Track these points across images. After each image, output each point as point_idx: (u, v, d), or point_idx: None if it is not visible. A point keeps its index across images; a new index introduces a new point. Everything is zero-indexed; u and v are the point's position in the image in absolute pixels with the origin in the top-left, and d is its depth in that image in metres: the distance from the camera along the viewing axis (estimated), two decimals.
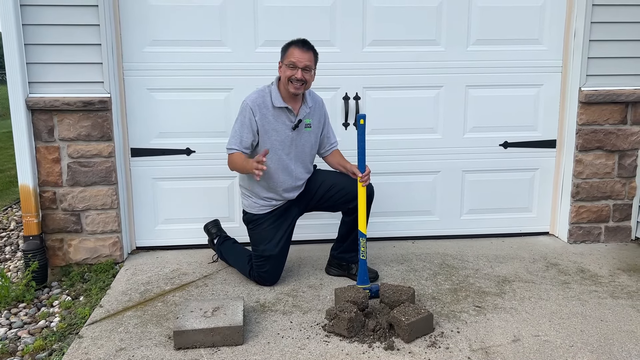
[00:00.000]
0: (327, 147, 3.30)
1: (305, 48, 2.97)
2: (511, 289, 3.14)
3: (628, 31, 3.68)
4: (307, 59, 2.96)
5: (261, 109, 3.03)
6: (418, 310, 2.61)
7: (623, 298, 3.03)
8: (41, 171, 3.42)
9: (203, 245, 3.70)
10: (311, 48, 3.00)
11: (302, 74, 2.94)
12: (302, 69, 2.94)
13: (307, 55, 2.96)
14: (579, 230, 3.93)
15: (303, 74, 2.94)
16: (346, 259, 3.32)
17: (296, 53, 2.94)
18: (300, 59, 2.93)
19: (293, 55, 2.94)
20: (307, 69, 2.96)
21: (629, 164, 3.87)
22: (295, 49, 2.96)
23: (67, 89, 3.36)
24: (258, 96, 3.06)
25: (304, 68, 2.94)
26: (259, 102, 3.04)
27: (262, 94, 3.07)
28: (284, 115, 3.06)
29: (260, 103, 3.04)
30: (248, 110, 3.02)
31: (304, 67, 2.94)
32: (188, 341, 2.49)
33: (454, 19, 3.72)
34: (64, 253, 3.53)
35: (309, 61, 2.96)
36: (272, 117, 3.04)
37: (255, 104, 3.03)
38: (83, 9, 3.29)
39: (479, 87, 3.84)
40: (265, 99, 3.05)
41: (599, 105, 3.76)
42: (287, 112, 3.06)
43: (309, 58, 2.96)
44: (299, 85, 2.96)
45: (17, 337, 2.80)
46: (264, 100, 3.04)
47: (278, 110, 3.05)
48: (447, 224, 4.03)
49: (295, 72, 2.94)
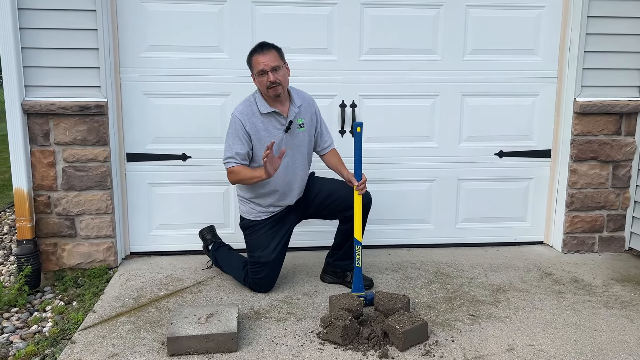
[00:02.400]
0: (323, 145, 3.29)
1: (265, 50, 2.95)
2: (505, 298, 3.14)
3: (623, 43, 3.71)
4: (272, 59, 2.94)
5: (250, 118, 3.03)
6: (413, 318, 2.61)
7: (617, 308, 3.04)
8: (36, 175, 3.41)
9: (198, 251, 3.69)
10: (271, 46, 2.98)
11: (274, 76, 2.93)
12: (272, 71, 2.93)
13: (270, 56, 2.94)
14: (573, 240, 3.94)
15: (275, 75, 2.94)
16: (341, 266, 3.31)
17: (260, 59, 2.94)
18: (265, 62, 2.92)
19: (258, 62, 2.94)
20: (275, 68, 2.94)
21: (622, 175, 3.89)
22: (257, 55, 2.95)
23: (63, 93, 3.35)
24: (245, 106, 3.06)
25: (273, 69, 2.94)
26: (247, 111, 3.04)
27: (249, 103, 3.07)
28: (273, 120, 3.06)
29: (248, 112, 3.04)
30: (237, 122, 3.02)
31: (272, 69, 2.93)
32: (181, 347, 2.48)
33: (451, 28, 3.75)
34: (57, 258, 3.51)
35: (274, 61, 2.94)
36: (261, 124, 3.04)
37: (243, 114, 3.03)
38: (81, 14, 3.29)
39: (474, 96, 3.86)
40: (252, 107, 3.05)
41: (593, 116, 3.78)
42: (275, 116, 3.06)
43: (272, 58, 2.95)
44: (277, 87, 2.96)
45: (9, 342, 2.77)
46: (251, 109, 3.05)
47: (267, 116, 3.05)
48: (442, 232, 4.04)
49: (266, 77, 2.94)
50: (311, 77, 3.56)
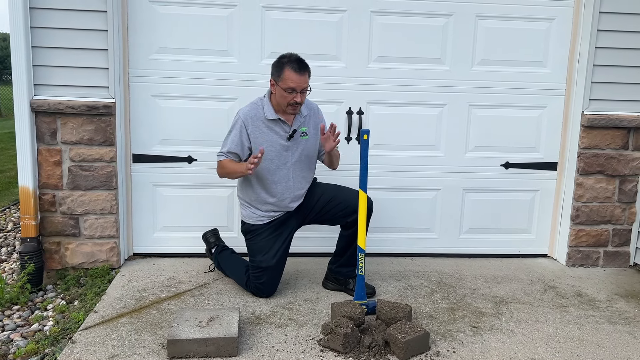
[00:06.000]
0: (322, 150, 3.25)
1: (302, 71, 2.92)
2: (508, 310, 3.12)
3: (632, 57, 3.70)
4: (305, 81, 2.95)
5: (254, 121, 3.04)
6: (414, 328, 2.60)
7: (620, 324, 3.01)
8: (42, 173, 3.42)
9: (200, 254, 3.69)
10: (307, 68, 2.97)
11: (301, 97, 2.94)
12: (301, 92, 2.94)
13: (305, 78, 2.94)
14: (577, 254, 3.92)
15: (302, 97, 2.95)
16: (343, 273, 3.30)
17: (294, 77, 2.90)
18: (299, 83, 2.91)
19: (291, 80, 2.91)
20: (304, 91, 2.96)
21: (629, 189, 3.87)
22: (291, 73, 2.90)
23: (72, 93, 3.37)
24: (251, 109, 3.07)
25: (302, 91, 2.95)
26: (252, 114, 3.05)
27: (255, 106, 3.08)
28: (277, 127, 3.07)
29: (253, 115, 3.05)
30: (240, 123, 3.04)
31: (302, 90, 2.94)
32: (182, 350, 2.47)
33: (460, 38, 3.75)
34: (60, 256, 3.52)
35: (306, 83, 2.96)
36: (265, 128, 3.05)
37: (247, 116, 3.04)
38: (92, 14, 3.31)
39: (482, 106, 3.85)
40: (258, 111, 3.06)
41: (601, 129, 3.77)
42: (280, 123, 3.07)
43: (305, 80, 2.95)
44: (297, 107, 2.98)
45: (10, 340, 2.77)
46: (256, 112, 3.06)
47: (271, 122, 3.05)
48: (446, 242, 4.02)
49: (294, 97, 2.93)
50: (319, 84, 3.55)
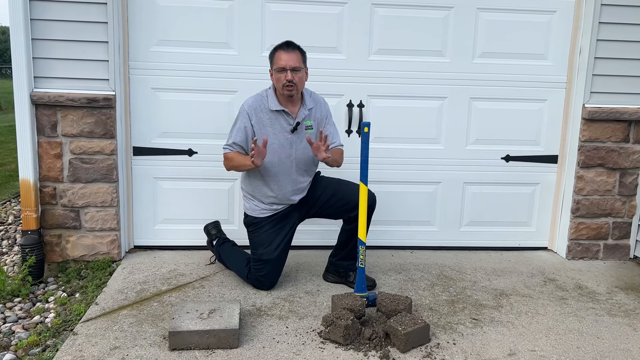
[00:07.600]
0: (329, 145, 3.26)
1: (290, 49, 2.95)
2: (508, 303, 3.13)
3: (633, 50, 3.69)
4: (294, 59, 2.94)
5: (257, 113, 3.04)
6: (415, 320, 2.61)
7: (620, 316, 3.02)
8: (42, 166, 3.42)
9: (201, 246, 3.69)
10: (296, 47, 2.98)
11: (291, 75, 2.93)
12: (291, 70, 2.93)
13: (293, 56, 2.94)
14: (577, 247, 3.93)
15: (292, 75, 2.93)
16: (344, 266, 3.31)
17: (283, 56, 2.94)
18: (288, 60, 2.92)
19: (280, 59, 2.94)
20: (295, 69, 2.95)
21: (629, 183, 3.87)
22: (280, 52, 2.95)
23: (72, 85, 3.36)
24: (255, 100, 3.08)
25: (293, 69, 2.94)
26: (256, 105, 3.06)
27: (260, 97, 3.09)
28: (281, 118, 3.07)
29: (257, 107, 3.05)
30: (244, 114, 3.05)
31: (292, 69, 2.93)
32: (183, 342, 2.48)
33: (461, 31, 3.74)
34: (61, 249, 3.52)
35: (296, 62, 2.95)
36: (268, 120, 3.05)
37: (251, 108, 3.05)
38: (92, 6, 3.29)
39: (483, 99, 3.84)
40: (262, 102, 3.06)
41: (602, 122, 3.76)
42: (284, 115, 3.07)
43: (296, 58, 2.95)
44: (292, 87, 2.96)
45: (11, 332, 2.78)
46: (261, 103, 3.06)
47: (275, 114, 3.05)
48: (446, 235, 4.03)
49: (284, 75, 2.94)
50: (319, 76, 3.55)
